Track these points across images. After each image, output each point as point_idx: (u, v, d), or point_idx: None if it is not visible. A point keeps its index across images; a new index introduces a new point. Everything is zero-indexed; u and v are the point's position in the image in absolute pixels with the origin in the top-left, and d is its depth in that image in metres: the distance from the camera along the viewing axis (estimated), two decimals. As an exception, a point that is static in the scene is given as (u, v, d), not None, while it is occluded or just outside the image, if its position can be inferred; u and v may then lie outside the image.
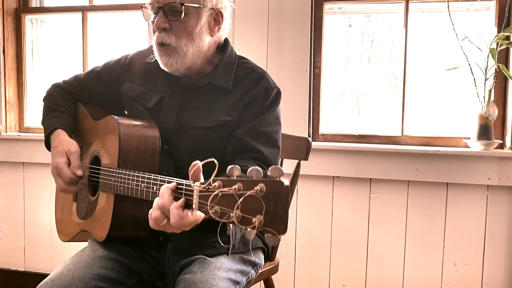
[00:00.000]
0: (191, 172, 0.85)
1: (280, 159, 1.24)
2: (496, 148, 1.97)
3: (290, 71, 2.13)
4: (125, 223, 1.13)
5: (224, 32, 1.26)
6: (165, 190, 0.88)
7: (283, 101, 1.28)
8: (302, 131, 2.10)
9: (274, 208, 0.70)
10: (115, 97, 1.35)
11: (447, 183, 2.00)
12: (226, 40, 1.30)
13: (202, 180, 0.86)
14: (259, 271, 1.31)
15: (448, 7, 1.93)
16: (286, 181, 0.71)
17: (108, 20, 2.51)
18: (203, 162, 0.85)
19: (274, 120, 1.22)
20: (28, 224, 2.52)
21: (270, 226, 0.70)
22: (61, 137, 1.27)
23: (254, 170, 0.74)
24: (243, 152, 1.14)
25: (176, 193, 0.87)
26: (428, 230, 2.04)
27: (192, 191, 0.82)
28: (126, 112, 1.34)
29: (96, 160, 1.26)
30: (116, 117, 1.19)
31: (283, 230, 0.70)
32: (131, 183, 1.05)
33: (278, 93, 1.24)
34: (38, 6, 2.58)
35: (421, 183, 2.03)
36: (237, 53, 1.31)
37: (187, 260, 1.15)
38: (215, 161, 0.80)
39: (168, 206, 0.86)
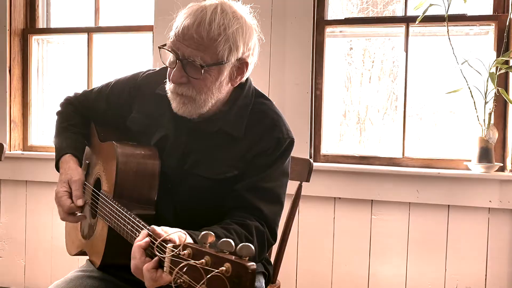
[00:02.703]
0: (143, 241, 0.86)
1: (281, 215, 1.17)
2: (496, 170, 1.97)
3: (292, 93, 2.15)
4: (118, 253, 1.10)
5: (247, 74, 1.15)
6: (137, 250, 0.86)
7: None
8: (303, 152, 2.12)
9: None
10: (122, 125, 1.29)
11: (448, 205, 2.01)
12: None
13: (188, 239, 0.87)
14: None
15: (447, 31, 1.96)
16: (253, 265, 0.67)
17: (113, 41, 2.56)
18: (150, 227, 0.87)
19: (280, 174, 1.15)
20: (29, 243, 2.53)
21: None
22: (67, 165, 1.25)
23: (224, 243, 0.71)
24: (242, 209, 1.09)
25: (148, 251, 0.86)
26: (429, 252, 2.04)
27: (165, 251, 0.80)
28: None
29: (98, 183, 1.25)
30: (116, 144, 1.15)
31: None
32: (120, 220, 1.03)
33: (291, 143, 1.17)
34: (45, 27, 2.63)
35: (422, 205, 2.03)
36: (255, 88, 1.21)
37: None
38: (182, 235, 0.83)
39: (141, 267, 0.85)
